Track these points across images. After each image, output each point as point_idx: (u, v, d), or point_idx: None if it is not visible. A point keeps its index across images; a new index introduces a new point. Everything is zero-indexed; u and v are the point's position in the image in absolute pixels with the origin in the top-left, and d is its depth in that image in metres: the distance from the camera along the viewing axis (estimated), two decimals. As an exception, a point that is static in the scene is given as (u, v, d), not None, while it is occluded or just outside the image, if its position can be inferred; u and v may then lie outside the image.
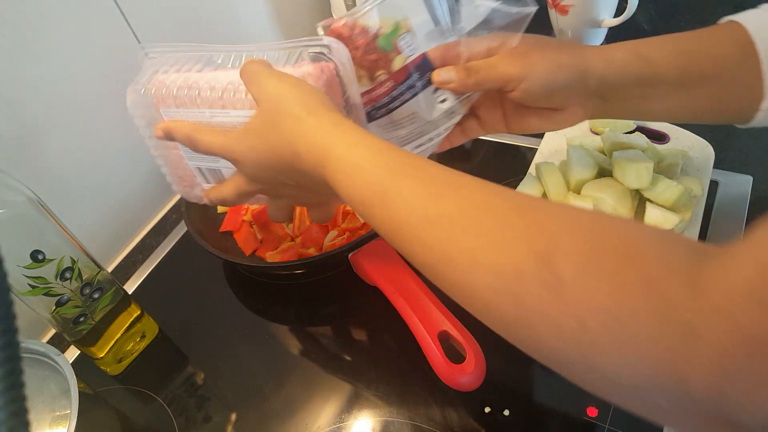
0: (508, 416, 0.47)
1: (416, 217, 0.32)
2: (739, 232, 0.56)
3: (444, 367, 0.46)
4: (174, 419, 0.53)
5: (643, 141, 0.59)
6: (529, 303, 0.26)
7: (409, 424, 0.48)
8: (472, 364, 0.46)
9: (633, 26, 0.83)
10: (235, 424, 0.52)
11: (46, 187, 0.50)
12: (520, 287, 0.27)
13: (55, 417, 0.48)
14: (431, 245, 0.31)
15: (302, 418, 0.51)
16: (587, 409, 0.46)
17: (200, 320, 0.61)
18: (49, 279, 0.47)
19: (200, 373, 0.56)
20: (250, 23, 0.87)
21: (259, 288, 0.64)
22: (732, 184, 0.60)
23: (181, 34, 0.74)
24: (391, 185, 0.33)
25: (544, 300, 0.26)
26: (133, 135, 0.52)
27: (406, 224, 0.32)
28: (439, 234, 0.30)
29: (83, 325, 0.52)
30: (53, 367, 0.49)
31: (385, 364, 0.53)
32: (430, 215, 0.31)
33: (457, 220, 0.30)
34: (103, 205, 0.69)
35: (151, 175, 0.74)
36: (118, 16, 0.65)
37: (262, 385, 0.54)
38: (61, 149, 0.62)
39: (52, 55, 0.59)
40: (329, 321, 0.59)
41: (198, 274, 0.67)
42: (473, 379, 0.46)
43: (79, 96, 0.63)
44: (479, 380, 0.46)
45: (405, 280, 0.52)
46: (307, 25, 1.00)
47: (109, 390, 0.57)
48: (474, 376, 0.46)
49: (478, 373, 0.46)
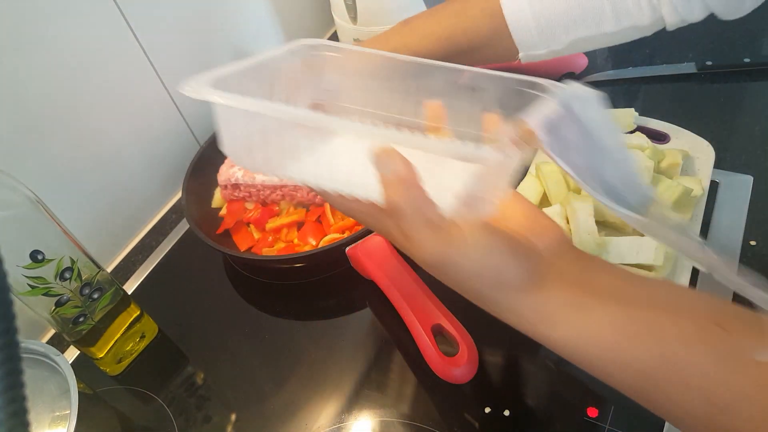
0: (508, 416, 0.47)
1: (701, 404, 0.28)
2: (740, 232, 0.56)
3: (437, 359, 0.47)
4: (174, 419, 0.53)
5: (643, 141, 0.59)
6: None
7: (409, 424, 0.48)
8: (465, 356, 0.46)
9: (633, 26, 0.83)
10: (235, 424, 0.52)
11: (46, 187, 0.50)
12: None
13: (55, 417, 0.48)
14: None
15: (302, 418, 0.50)
16: (587, 410, 0.46)
17: (200, 320, 0.61)
18: (48, 279, 0.47)
19: (200, 373, 0.56)
20: (250, 23, 0.87)
21: (259, 288, 0.64)
22: (732, 184, 0.60)
23: (181, 32, 0.74)
24: (650, 384, 0.29)
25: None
26: (133, 135, 0.52)
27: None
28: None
29: (83, 326, 0.52)
30: (53, 368, 0.49)
31: (385, 365, 0.53)
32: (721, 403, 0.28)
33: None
34: (103, 205, 0.69)
35: (150, 175, 0.74)
36: (118, 17, 0.65)
37: (262, 385, 0.54)
38: (61, 149, 0.62)
39: (52, 55, 0.59)
40: (329, 321, 0.59)
41: (198, 274, 0.67)
42: (465, 371, 0.47)
43: (79, 96, 0.63)
44: (471, 373, 0.47)
45: (400, 274, 0.53)
46: (309, 26, 1.00)
47: (109, 390, 0.57)
48: (466, 368, 0.46)
49: (470, 365, 0.47)
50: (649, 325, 0.30)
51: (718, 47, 0.78)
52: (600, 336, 0.30)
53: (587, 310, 0.31)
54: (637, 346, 0.29)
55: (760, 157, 0.63)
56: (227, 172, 0.67)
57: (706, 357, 0.28)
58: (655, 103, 0.73)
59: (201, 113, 0.79)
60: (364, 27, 0.85)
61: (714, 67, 0.74)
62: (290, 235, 0.64)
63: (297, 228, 0.64)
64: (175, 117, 0.76)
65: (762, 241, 0.55)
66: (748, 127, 0.68)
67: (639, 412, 0.46)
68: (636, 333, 0.30)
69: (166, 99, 0.74)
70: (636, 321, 0.30)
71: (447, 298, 0.51)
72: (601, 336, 0.30)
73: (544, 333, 0.32)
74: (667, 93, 0.74)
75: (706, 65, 0.74)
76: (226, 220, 0.66)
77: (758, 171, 0.61)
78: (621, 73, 0.78)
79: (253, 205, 0.67)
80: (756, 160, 0.63)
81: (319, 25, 1.02)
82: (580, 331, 0.31)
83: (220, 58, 0.81)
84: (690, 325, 0.29)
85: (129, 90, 0.68)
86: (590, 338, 0.31)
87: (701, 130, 0.63)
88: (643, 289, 0.32)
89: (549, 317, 0.31)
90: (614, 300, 0.31)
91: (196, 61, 0.77)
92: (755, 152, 0.64)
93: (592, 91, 0.32)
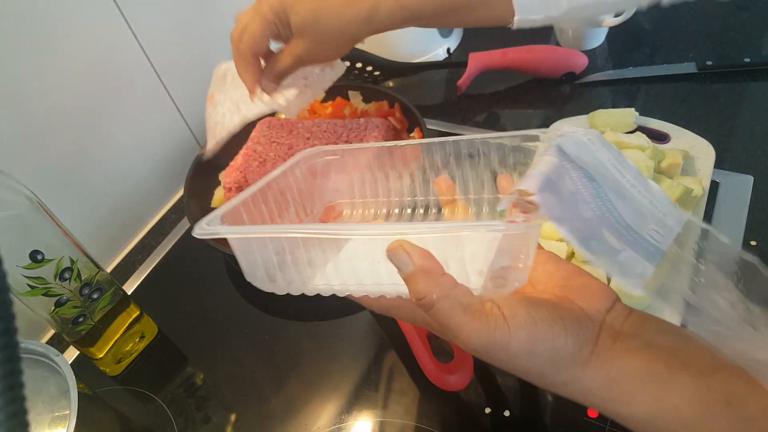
0: (509, 417, 0.47)
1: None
2: (740, 232, 0.56)
3: (431, 366, 0.47)
4: (173, 420, 0.53)
5: (643, 141, 0.59)
6: None
7: (409, 425, 0.48)
8: (459, 363, 0.46)
9: (633, 26, 0.83)
10: (235, 424, 0.52)
11: (46, 187, 0.50)
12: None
13: (55, 417, 0.48)
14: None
15: (302, 418, 0.50)
16: (588, 410, 0.46)
17: (200, 320, 0.61)
18: (48, 279, 0.47)
19: (199, 374, 0.56)
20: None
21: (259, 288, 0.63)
22: (732, 184, 0.60)
23: (182, 32, 0.74)
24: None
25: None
26: (133, 135, 0.52)
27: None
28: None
29: (82, 326, 0.52)
30: (52, 368, 0.49)
31: (385, 366, 0.53)
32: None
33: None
34: (103, 205, 0.69)
35: (150, 175, 0.74)
36: (118, 17, 0.65)
37: (262, 386, 0.54)
38: (61, 149, 0.62)
39: (52, 55, 0.59)
40: (329, 322, 0.59)
41: (197, 274, 0.67)
42: (460, 378, 0.47)
43: (79, 96, 0.63)
44: (466, 380, 0.47)
45: None
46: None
47: (109, 390, 0.57)
48: (461, 375, 0.46)
49: (465, 372, 0.46)
50: (726, 395, 0.28)
51: (718, 47, 0.78)
52: (679, 410, 0.29)
53: (658, 381, 0.29)
54: (720, 421, 0.28)
55: (760, 157, 0.63)
56: (233, 174, 0.66)
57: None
58: (655, 103, 0.73)
59: (201, 114, 0.79)
60: (364, 27, 0.85)
61: (714, 67, 0.74)
62: None
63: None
64: (175, 117, 0.76)
65: (762, 241, 0.55)
66: (748, 127, 0.68)
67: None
68: (715, 404, 0.28)
69: (166, 99, 0.74)
70: (712, 390, 0.28)
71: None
72: (680, 410, 0.29)
73: (618, 410, 0.30)
74: (668, 93, 0.74)
75: (706, 65, 0.74)
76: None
77: (758, 171, 0.61)
78: (621, 73, 0.77)
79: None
80: (756, 160, 0.63)
81: (319, 25, 1.01)
82: (658, 407, 0.29)
83: (220, 58, 0.81)
84: (764, 395, 0.28)
85: (129, 90, 0.68)
86: (669, 414, 0.29)
87: (701, 130, 0.63)
88: (704, 351, 0.30)
89: (620, 393, 0.29)
90: (683, 366, 0.29)
91: (197, 61, 0.77)
92: (755, 152, 0.64)
93: (587, 131, 0.31)
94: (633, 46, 0.83)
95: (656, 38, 0.83)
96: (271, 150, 0.68)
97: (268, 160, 0.66)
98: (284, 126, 0.71)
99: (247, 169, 0.65)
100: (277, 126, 0.71)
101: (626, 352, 0.30)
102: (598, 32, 0.82)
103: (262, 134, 0.70)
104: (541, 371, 0.30)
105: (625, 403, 0.29)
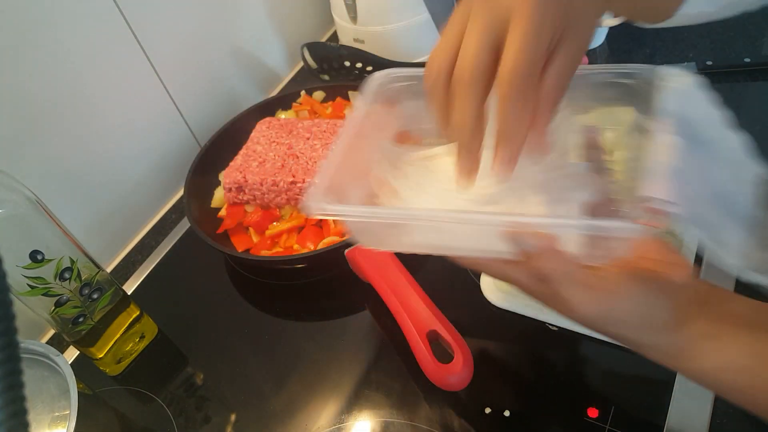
0: (508, 417, 0.47)
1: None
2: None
3: (432, 366, 0.47)
4: (173, 420, 0.53)
5: (643, 141, 0.59)
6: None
7: (409, 424, 0.48)
8: (460, 363, 0.46)
9: (633, 26, 0.83)
10: (235, 424, 0.52)
11: (46, 187, 0.50)
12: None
13: (55, 417, 0.47)
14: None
15: (302, 418, 0.50)
16: (588, 410, 0.46)
17: (200, 320, 0.61)
18: (48, 279, 0.47)
19: (199, 374, 0.56)
20: (250, 22, 0.87)
21: (259, 288, 0.64)
22: (732, 184, 0.60)
23: (182, 32, 0.74)
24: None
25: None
26: (133, 135, 0.52)
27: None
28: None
29: (82, 326, 0.52)
30: (52, 368, 0.49)
31: (385, 365, 0.53)
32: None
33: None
34: (103, 205, 0.69)
35: (150, 175, 0.74)
36: (118, 17, 0.65)
37: (261, 386, 0.54)
38: (61, 149, 0.62)
39: (53, 55, 0.59)
40: (329, 322, 0.59)
41: (197, 274, 0.67)
42: (460, 378, 0.46)
43: (80, 96, 0.63)
44: (466, 380, 0.47)
45: (398, 278, 0.52)
46: (309, 26, 0.99)
47: (109, 390, 0.57)
48: (461, 375, 0.46)
49: (465, 372, 0.46)
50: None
51: (718, 47, 0.78)
52: (734, 362, 0.32)
53: (720, 339, 0.33)
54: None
55: (760, 157, 0.63)
56: (233, 174, 0.66)
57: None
58: (655, 103, 0.73)
59: (201, 113, 0.79)
60: (363, 27, 0.85)
61: (714, 67, 0.74)
62: (289, 241, 0.63)
63: (297, 232, 0.64)
64: (175, 117, 0.76)
65: (762, 241, 0.55)
66: (748, 127, 0.67)
67: (639, 413, 0.46)
68: (766, 355, 0.31)
69: (166, 99, 0.74)
70: (766, 343, 0.32)
71: (444, 304, 0.50)
72: (734, 362, 0.32)
73: (683, 365, 0.34)
74: (667, 93, 0.74)
75: (706, 65, 0.74)
76: (226, 221, 0.66)
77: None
78: (621, 73, 0.77)
79: (253, 208, 0.66)
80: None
81: (319, 25, 1.02)
82: (715, 360, 0.32)
83: (220, 58, 0.81)
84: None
85: (129, 90, 0.68)
86: (724, 365, 0.32)
87: (701, 130, 0.63)
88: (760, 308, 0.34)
89: (688, 351, 0.33)
90: (747, 327, 0.32)
91: (197, 61, 0.77)
92: (755, 152, 0.64)
93: (691, 77, 0.33)
94: (633, 46, 0.83)
95: (656, 38, 0.83)
96: (271, 150, 0.68)
97: (267, 160, 0.66)
98: (284, 126, 0.71)
99: (247, 169, 0.65)
100: (277, 126, 0.71)
101: (703, 318, 0.33)
102: (598, 32, 0.82)
103: (262, 134, 0.70)
104: (629, 336, 0.34)
105: (690, 359, 0.33)
